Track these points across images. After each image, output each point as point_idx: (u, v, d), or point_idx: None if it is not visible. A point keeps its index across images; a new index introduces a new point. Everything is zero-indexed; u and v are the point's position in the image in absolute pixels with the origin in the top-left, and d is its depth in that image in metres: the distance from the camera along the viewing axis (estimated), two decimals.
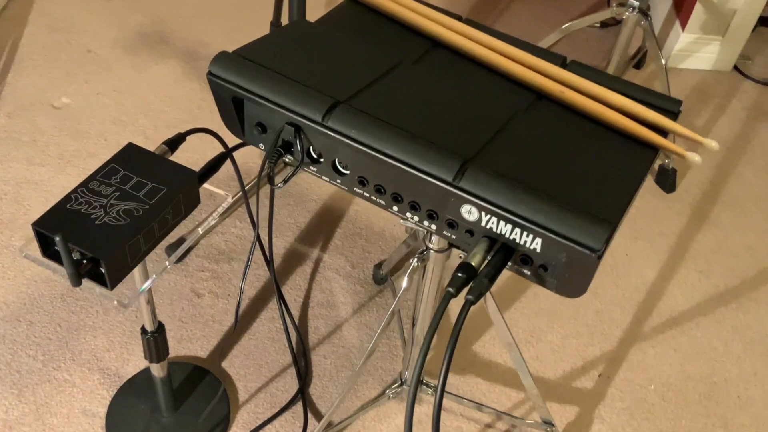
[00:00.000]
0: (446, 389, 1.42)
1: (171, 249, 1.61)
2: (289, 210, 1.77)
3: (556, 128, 0.89)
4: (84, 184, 0.98)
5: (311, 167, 0.91)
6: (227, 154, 1.08)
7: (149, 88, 2.05)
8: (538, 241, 0.80)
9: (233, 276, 1.62)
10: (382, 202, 0.89)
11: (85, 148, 1.86)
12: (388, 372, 1.50)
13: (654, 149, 0.91)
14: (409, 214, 0.88)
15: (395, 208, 0.88)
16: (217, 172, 1.08)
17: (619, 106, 0.94)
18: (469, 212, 0.82)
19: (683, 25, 2.35)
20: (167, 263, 1.04)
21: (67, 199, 0.96)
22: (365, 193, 0.89)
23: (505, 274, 1.69)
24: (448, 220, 0.84)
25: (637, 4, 1.90)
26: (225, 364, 1.47)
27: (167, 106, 2.00)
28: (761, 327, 1.67)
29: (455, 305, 1.55)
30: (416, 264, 1.15)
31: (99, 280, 0.95)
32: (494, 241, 0.83)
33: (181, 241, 1.62)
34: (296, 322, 1.56)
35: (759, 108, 2.28)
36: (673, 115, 0.95)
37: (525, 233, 0.80)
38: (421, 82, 0.91)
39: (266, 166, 0.90)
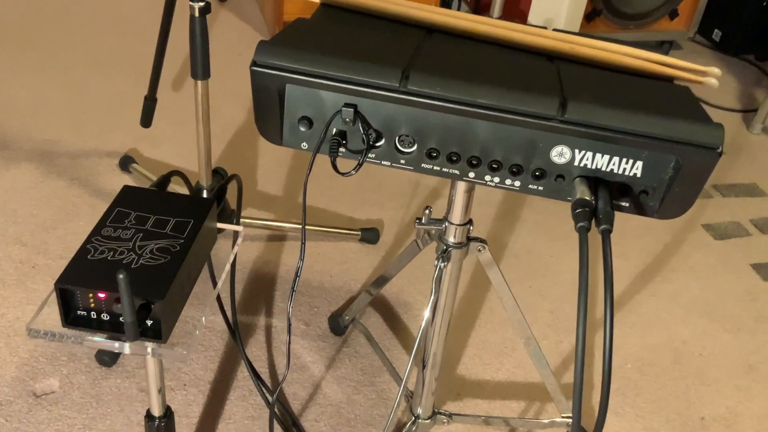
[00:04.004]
0: (452, 413, 1.34)
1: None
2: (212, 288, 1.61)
3: (589, 75, 0.91)
4: (95, 233, 0.82)
5: (369, 155, 0.84)
6: (234, 176, 0.96)
7: (7, 195, 1.80)
8: (639, 164, 0.79)
9: (182, 364, 1.43)
10: (456, 172, 0.83)
11: None
12: (387, 418, 1.38)
13: (668, 81, 0.95)
14: (488, 177, 0.83)
15: (471, 175, 0.83)
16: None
17: (624, 53, 0.98)
18: (560, 154, 0.80)
19: None
20: (217, 288, 0.88)
21: (84, 251, 0.79)
22: (435, 167, 0.83)
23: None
24: (536, 170, 0.81)
25: None
26: None
27: (36, 209, 1.76)
28: (688, 291, 1.79)
29: None
30: (442, 265, 1.09)
31: (144, 333, 0.79)
32: (589, 179, 0.81)
33: None
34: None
35: None
36: None
37: (624, 160, 0.79)
38: (452, 52, 0.88)
39: (329, 155, 0.81)
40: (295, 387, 1.42)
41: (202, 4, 1.41)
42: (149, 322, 0.78)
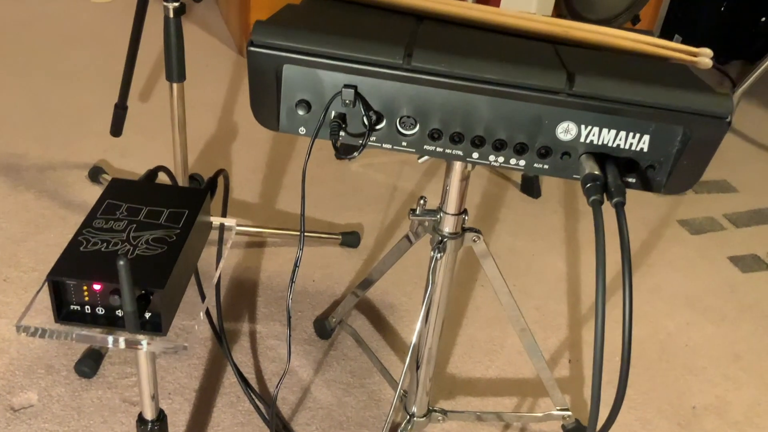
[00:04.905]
0: (447, 410, 1.32)
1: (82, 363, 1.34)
2: (197, 291, 1.56)
3: (587, 55, 0.90)
4: (86, 225, 0.78)
5: (370, 138, 0.82)
6: (221, 171, 0.93)
7: None
8: (646, 138, 0.78)
9: (166, 373, 1.38)
10: (459, 153, 0.82)
11: None
12: (379, 419, 1.35)
13: (663, 60, 0.95)
14: (492, 157, 0.81)
15: (475, 155, 0.81)
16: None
17: (618, 35, 0.98)
18: (566, 131, 0.79)
19: None
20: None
21: (75, 243, 0.75)
22: (437, 149, 0.82)
23: None
24: (541, 148, 0.80)
25: None
26: None
27: (4, 222, 1.70)
28: (669, 284, 1.80)
29: None
30: (438, 256, 1.07)
31: (142, 327, 0.75)
32: (596, 155, 0.80)
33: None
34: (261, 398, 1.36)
35: None
36: None
37: (631, 134, 0.78)
38: (447, 35, 0.87)
39: (329, 138, 0.79)
40: (284, 391, 1.38)
41: (176, 4, 1.38)
42: (147, 315, 0.74)
